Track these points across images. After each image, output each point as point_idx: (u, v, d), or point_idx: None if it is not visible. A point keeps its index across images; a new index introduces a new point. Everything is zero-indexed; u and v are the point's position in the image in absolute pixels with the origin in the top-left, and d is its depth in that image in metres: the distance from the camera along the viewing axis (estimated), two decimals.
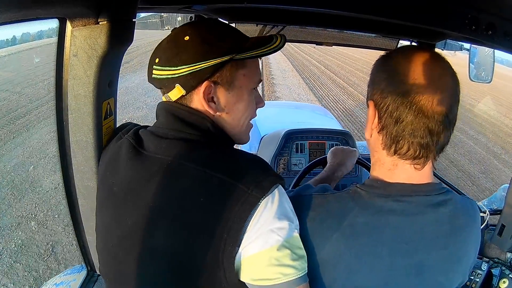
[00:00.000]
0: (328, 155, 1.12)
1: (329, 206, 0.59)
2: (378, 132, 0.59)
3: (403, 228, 0.56)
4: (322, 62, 14.68)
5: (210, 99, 0.62)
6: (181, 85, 0.60)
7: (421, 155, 0.56)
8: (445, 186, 0.61)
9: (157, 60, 0.61)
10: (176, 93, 0.61)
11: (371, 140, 0.62)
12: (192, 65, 0.59)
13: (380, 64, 0.61)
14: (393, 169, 0.58)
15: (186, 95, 0.61)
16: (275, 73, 11.03)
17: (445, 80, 0.55)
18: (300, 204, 0.60)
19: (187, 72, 0.59)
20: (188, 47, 0.60)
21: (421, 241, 0.57)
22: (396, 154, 0.57)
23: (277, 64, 12.52)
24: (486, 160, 5.05)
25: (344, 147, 1.15)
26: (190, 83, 0.60)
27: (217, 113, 0.63)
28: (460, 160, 4.88)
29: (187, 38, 0.60)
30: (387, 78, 0.57)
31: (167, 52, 0.61)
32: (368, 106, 0.60)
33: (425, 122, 0.54)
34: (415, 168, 0.57)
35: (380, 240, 0.56)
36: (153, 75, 0.62)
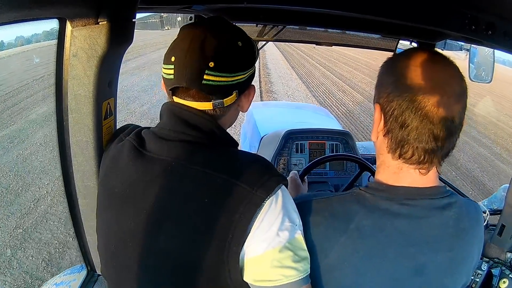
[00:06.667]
0: None
1: (334, 209, 0.59)
2: (383, 136, 0.58)
3: (409, 231, 0.56)
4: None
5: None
6: (238, 91, 0.61)
7: (425, 160, 0.55)
8: (450, 189, 0.61)
9: (211, 64, 0.57)
10: (232, 98, 0.61)
11: (377, 143, 0.62)
12: (247, 71, 0.62)
13: (387, 67, 0.60)
14: (398, 172, 0.58)
15: (237, 99, 0.62)
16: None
17: (452, 85, 0.54)
18: (304, 210, 0.59)
19: (244, 79, 0.61)
20: (242, 53, 0.61)
21: (427, 244, 0.57)
22: (401, 158, 0.57)
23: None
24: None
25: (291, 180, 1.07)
26: (243, 88, 0.63)
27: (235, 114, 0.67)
28: None
29: (240, 43, 0.61)
30: (394, 82, 0.56)
31: (224, 58, 0.58)
32: (374, 108, 0.60)
33: (430, 127, 0.53)
34: (420, 172, 0.57)
35: (386, 242, 0.56)
36: (206, 81, 0.57)
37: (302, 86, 8.82)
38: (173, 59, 0.59)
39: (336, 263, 0.57)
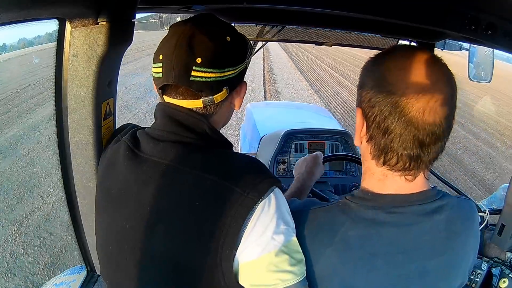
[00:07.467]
0: (294, 170, 1.08)
1: (319, 221, 0.58)
2: (366, 141, 0.56)
3: (397, 239, 0.54)
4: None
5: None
6: (228, 87, 0.60)
7: (411, 167, 0.53)
8: (440, 190, 0.59)
9: (199, 60, 0.56)
10: (223, 95, 0.60)
11: (361, 148, 0.60)
12: (237, 67, 0.61)
13: (368, 69, 0.57)
14: (383, 179, 0.56)
15: (228, 96, 0.61)
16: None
17: (439, 87, 0.50)
18: None
19: (234, 74, 0.60)
20: (232, 48, 0.60)
21: (417, 250, 0.55)
22: (385, 165, 0.54)
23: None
24: None
25: (306, 156, 1.08)
26: (234, 85, 0.62)
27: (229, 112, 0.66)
28: None
29: (228, 38, 0.60)
30: (375, 86, 0.53)
31: (211, 53, 0.57)
32: (356, 113, 0.57)
33: (415, 133, 0.50)
34: (406, 179, 0.55)
35: (374, 252, 0.54)
36: (194, 77, 0.56)
37: (315, 97, 7.75)
38: (161, 57, 0.58)
39: (323, 275, 0.56)
